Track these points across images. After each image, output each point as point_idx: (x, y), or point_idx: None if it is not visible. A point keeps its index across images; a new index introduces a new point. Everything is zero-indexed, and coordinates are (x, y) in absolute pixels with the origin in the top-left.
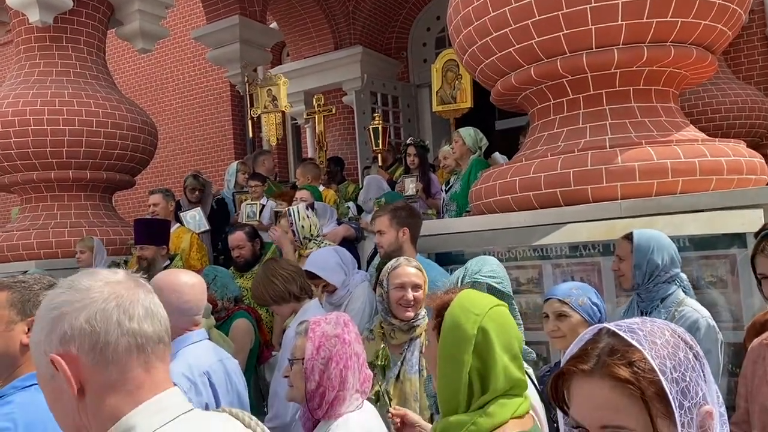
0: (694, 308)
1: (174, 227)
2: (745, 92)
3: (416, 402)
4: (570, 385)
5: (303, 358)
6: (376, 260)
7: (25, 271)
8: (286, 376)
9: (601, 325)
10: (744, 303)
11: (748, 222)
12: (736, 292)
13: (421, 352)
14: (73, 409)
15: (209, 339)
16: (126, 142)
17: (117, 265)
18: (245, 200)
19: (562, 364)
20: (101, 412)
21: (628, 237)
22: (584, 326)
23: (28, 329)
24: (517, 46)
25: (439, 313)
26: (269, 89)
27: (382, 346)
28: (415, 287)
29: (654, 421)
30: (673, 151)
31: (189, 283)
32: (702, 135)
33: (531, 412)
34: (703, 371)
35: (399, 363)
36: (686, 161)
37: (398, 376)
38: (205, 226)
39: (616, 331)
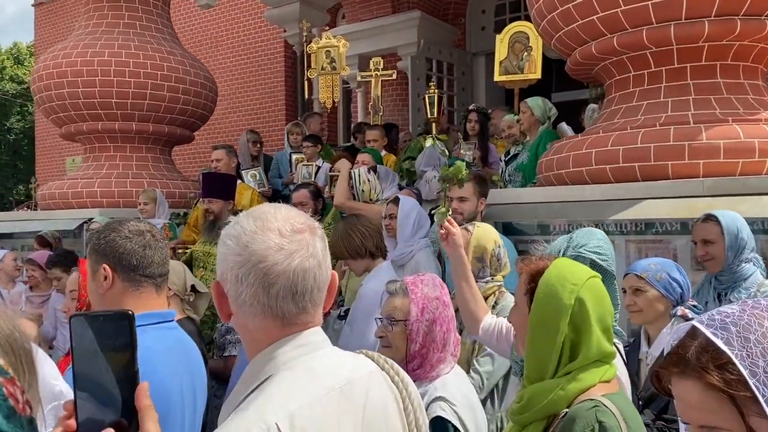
0: None
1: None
2: None
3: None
4: (670, 381)
5: (405, 320)
6: (434, 227)
7: (91, 218)
8: (381, 336)
9: (693, 323)
10: None
11: None
12: None
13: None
14: None
15: None
16: (188, 97)
17: (177, 216)
18: (301, 161)
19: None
20: None
21: (712, 219)
22: (662, 301)
23: None
24: (601, 14)
25: (533, 279)
26: (327, 51)
27: None
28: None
29: (747, 423)
30: (761, 130)
31: None
32: None
33: (618, 375)
34: None
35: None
36: None
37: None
38: (265, 186)
39: (701, 329)
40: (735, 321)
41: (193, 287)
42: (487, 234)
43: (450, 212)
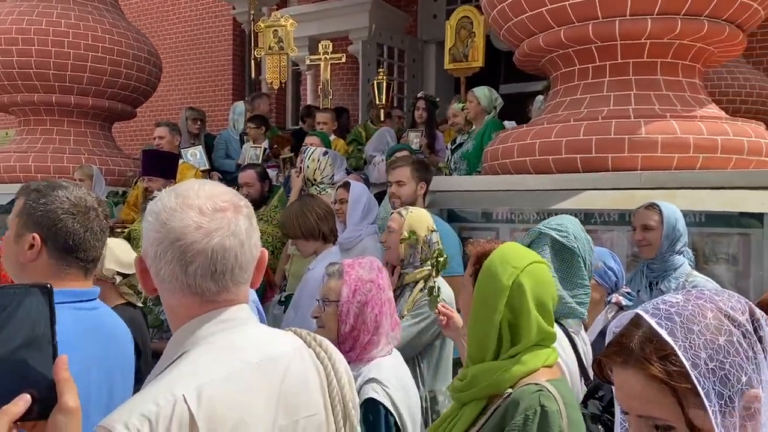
0: (705, 278)
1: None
2: (754, 77)
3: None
4: (611, 369)
5: (337, 300)
6: (382, 212)
7: None
8: (316, 317)
9: (638, 311)
10: (753, 282)
11: (767, 203)
12: (746, 270)
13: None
14: None
15: None
16: (130, 72)
17: (116, 194)
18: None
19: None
20: None
21: (654, 207)
22: (597, 289)
23: None
24: (549, 6)
25: (478, 261)
26: (275, 30)
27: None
28: (389, 229)
29: (687, 416)
30: (697, 127)
31: None
32: (723, 114)
33: (560, 362)
34: (753, 350)
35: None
36: (709, 138)
37: None
38: (206, 165)
39: (646, 318)
40: (680, 311)
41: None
42: (420, 219)
43: (440, 297)
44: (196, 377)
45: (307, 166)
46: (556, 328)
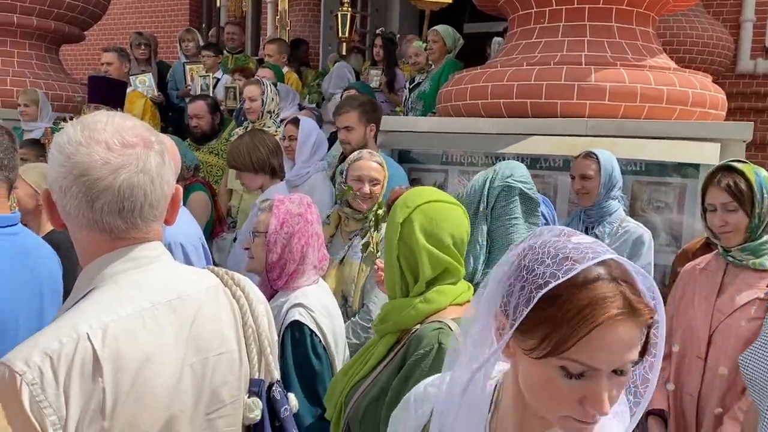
0: (636, 224)
1: (127, 90)
2: (712, 28)
3: (352, 284)
4: (584, 329)
5: (266, 232)
6: (333, 150)
7: None
8: (247, 248)
9: (607, 256)
10: (685, 230)
11: (705, 154)
12: (680, 219)
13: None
14: None
15: None
16: None
17: (63, 120)
18: (197, 71)
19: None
20: None
21: (592, 156)
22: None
23: None
24: None
25: (389, 206)
26: None
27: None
28: (373, 181)
29: (646, 350)
30: (645, 77)
31: None
32: (673, 64)
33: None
34: None
35: (346, 248)
36: (656, 88)
37: (342, 260)
38: (155, 92)
39: (619, 261)
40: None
41: None
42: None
43: (378, 252)
44: (100, 315)
45: (272, 99)
46: None
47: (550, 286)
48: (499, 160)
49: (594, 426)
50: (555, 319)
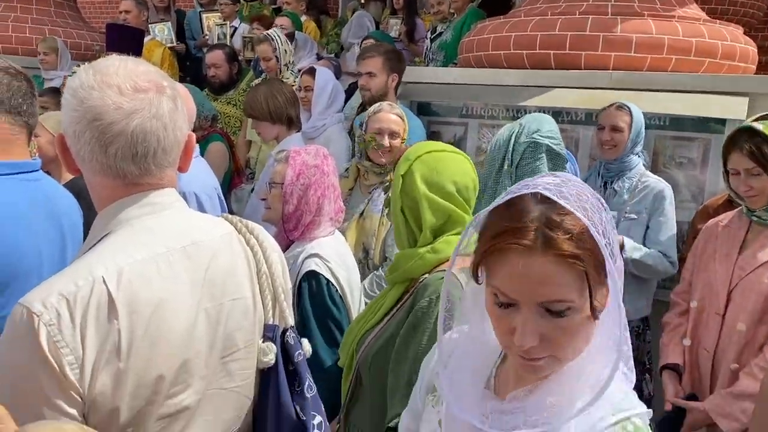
0: (657, 178)
1: (146, 39)
2: None
3: (373, 237)
4: (500, 257)
5: (282, 183)
6: (352, 102)
7: None
8: (263, 198)
9: (530, 189)
10: (708, 187)
11: (732, 108)
12: (703, 175)
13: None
14: None
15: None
16: None
17: None
18: (213, 20)
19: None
20: None
21: (625, 108)
22: None
23: None
24: None
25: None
26: None
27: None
28: (393, 134)
29: (593, 292)
30: (673, 28)
31: None
32: (703, 15)
33: None
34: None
35: (366, 201)
36: (684, 39)
37: (362, 213)
38: (173, 41)
39: (550, 196)
40: (569, 191)
41: None
42: None
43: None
44: (115, 259)
45: (285, 51)
46: None
47: (483, 212)
48: (521, 114)
49: (540, 365)
50: (480, 245)
